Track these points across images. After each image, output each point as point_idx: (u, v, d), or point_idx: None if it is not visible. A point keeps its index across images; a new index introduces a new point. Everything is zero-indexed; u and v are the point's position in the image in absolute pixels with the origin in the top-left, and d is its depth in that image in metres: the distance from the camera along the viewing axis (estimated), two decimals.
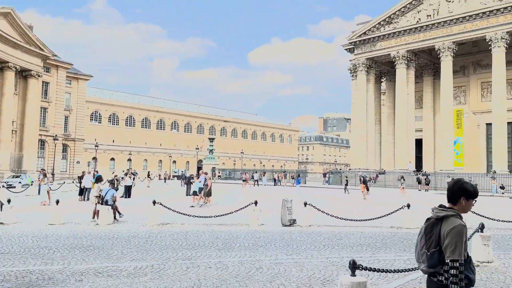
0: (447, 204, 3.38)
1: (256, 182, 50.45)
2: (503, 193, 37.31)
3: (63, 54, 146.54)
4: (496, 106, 45.39)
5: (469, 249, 9.32)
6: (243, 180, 44.95)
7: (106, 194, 15.14)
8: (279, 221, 14.90)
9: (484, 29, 45.60)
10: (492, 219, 14.01)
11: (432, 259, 3.21)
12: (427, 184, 42.94)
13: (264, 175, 53.40)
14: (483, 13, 45.40)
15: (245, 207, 15.08)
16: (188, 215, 14.94)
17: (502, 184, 39.09)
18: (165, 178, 59.49)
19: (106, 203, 14.87)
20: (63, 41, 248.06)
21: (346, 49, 60.27)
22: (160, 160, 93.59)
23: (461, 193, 3.30)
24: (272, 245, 10.90)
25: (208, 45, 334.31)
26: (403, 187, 35.63)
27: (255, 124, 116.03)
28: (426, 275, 3.34)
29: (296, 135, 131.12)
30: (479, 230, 9.06)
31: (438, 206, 3.37)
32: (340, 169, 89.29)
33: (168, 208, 14.86)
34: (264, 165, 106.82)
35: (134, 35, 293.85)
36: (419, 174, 47.40)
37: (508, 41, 44.76)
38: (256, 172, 57.83)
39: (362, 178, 32.92)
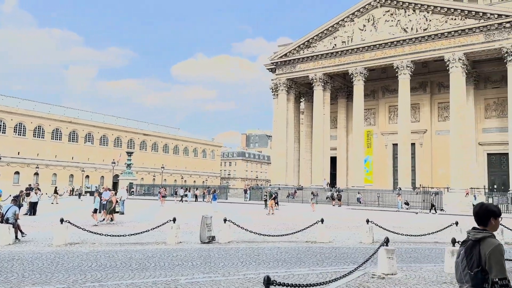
0: (478, 226, 3.65)
1: (181, 198, 49.14)
2: (407, 209, 40.51)
3: None
4: (402, 128, 49.52)
5: (375, 262, 9.95)
6: (163, 196, 43.67)
7: (7, 211, 13.92)
8: (198, 238, 14.67)
9: (392, 57, 49.88)
10: (397, 233, 15.09)
11: (476, 279, 3.44)
12: (339, 200, 45.39)
13: (189, 191, 52.24)
14: (391, 42, 49.70)
15: (163, 224, 14.63)
16: (100, 234, 14.10)
17: (406, 200, 42.44)
18: (79, 194, 55.77)
19: (7, 221, 13.62)
20: None
21: (268, 69, 62.13)
22: (72, 175, 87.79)
23: (490, 214, 3.61)
24: (190, 263, 10.67)
25: (130, 55, 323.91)
26: (313, 203, 37.67)
27: (177, 139, 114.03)
28: None
29: (219, 150, 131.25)
30: (384, 244, 9.68)
31: (472, 229, 3.64)
32: (261, 185, 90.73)
33: (77, 227, 13.92)
34: (185, 181, 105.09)
35: (47, 41, 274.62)
36: (333, 190, 49.90)
37: (413, 69, 49.37)
38: (181, 188, 56.48)
39: (272, 194, 33.66)
